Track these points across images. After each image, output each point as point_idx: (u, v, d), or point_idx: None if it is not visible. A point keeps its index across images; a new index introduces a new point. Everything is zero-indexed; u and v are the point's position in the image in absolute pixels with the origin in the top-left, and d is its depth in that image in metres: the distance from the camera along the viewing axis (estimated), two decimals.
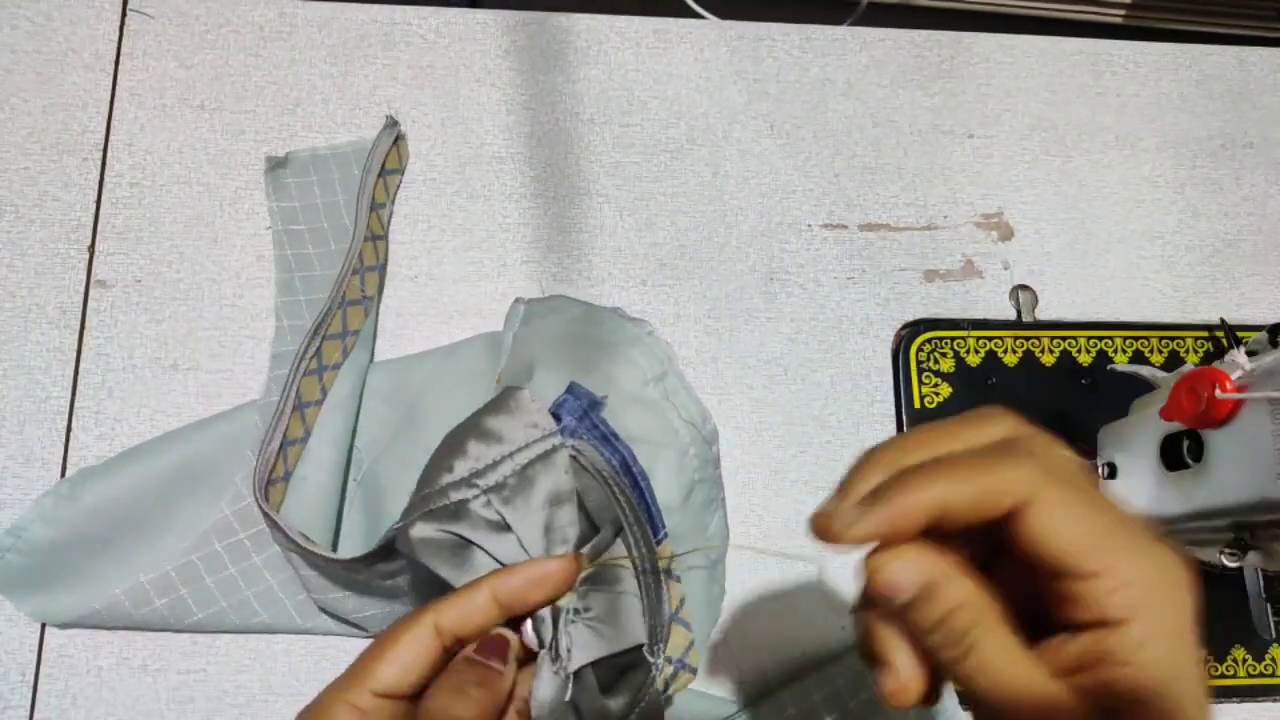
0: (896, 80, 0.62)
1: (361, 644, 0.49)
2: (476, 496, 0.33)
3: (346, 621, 0.49)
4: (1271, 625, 0.45)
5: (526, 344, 0.51)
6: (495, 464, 0.34)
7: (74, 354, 0.52)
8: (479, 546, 0.33)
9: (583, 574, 0.35)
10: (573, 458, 0.37)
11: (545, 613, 0.34)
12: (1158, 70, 0.64)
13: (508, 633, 0.33)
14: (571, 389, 0.41)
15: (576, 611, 0.34)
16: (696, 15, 0.84)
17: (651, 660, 0.35)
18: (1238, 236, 0.62)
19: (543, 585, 0.33)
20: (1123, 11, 1.12)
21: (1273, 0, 1.13)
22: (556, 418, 0.38)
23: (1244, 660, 0.54)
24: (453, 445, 0.35)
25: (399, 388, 0.53)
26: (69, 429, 0.51)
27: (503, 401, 0.36)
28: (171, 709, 0.48)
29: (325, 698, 0.31)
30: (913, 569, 0.25)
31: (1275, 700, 0.54)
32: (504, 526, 0.34)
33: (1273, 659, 0.54)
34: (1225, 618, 0.54)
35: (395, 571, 0.44)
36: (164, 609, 0.48)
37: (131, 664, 0.49)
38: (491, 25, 0.60)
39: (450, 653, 0.32)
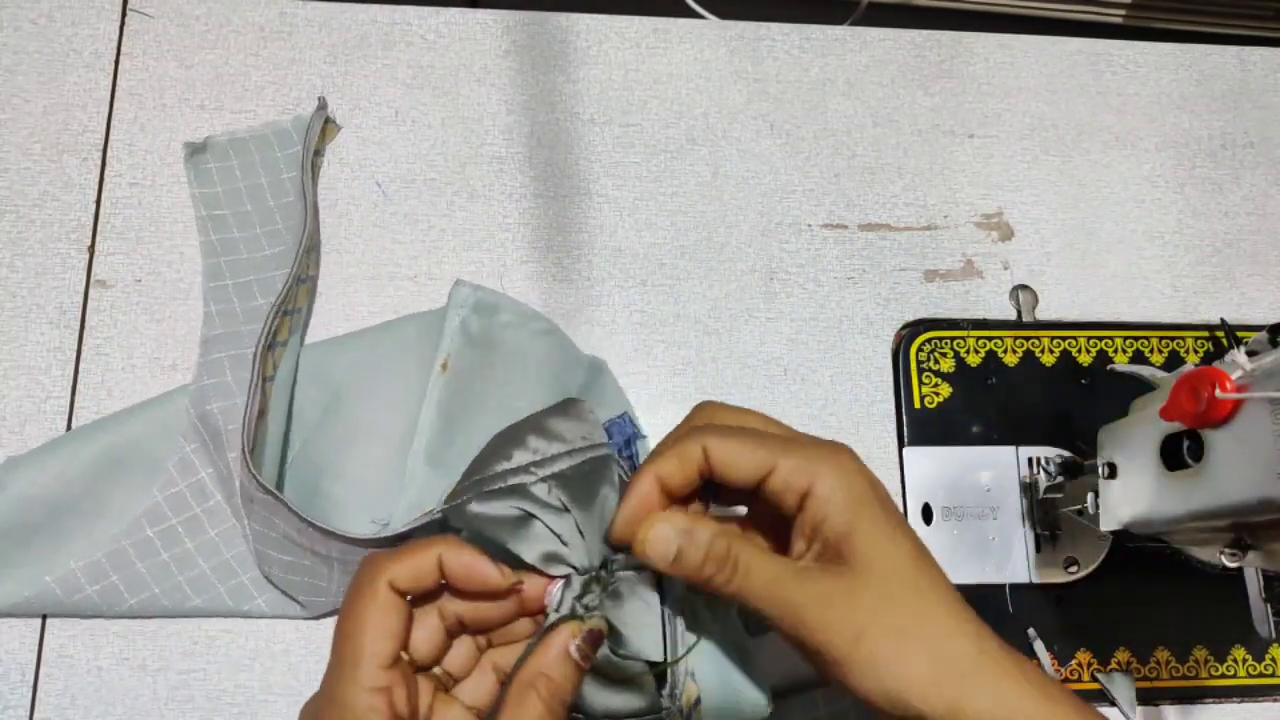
0: (896, 80, 0.62)
1: None
2: (535, 483, 0.36)
3: (294, 600, 0.49)
4: (1271, 625, 0.45)
5: (499, 348, 0.52)
6: (554, 457, 0.37)
7: (74, 354, 0.52)
8: (539, 520, 0.36)
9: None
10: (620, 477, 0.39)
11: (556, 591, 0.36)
12: (1158, 70, 0.64)
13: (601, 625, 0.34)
14: (624, 415, 0.46)
15: (586, 608, 0.35)
16: (696, 15, 0.84)
17: (665, 707, 0.36)
18: (1238, 236, 0.62)
19: (474, 583, 0.34)
20: (1123, 11, 1.12)
21: (1272, 0, 1.13)
22: (607, 433, 0.41)
23: (1244, 660, 0.54)
24: (512, 437, 0.38)
25: (329, 369, 0.53)
26: (69, 429, 0.51)
27: (565, 407, 0.40)
28: (171, 708, 0.48)
29: (371, 570, 0.33)
30: (668, 527, 0.33)
31: (1275, 700, 0.54)
32: (564, 509, 0.36)
33: (1273, 659, 0.54)
34: (1225, 618, 0.54)
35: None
36: (95, 595, 0.48)
37: (131, 664, 0.49)
38: (491, 25, 0.60)
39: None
